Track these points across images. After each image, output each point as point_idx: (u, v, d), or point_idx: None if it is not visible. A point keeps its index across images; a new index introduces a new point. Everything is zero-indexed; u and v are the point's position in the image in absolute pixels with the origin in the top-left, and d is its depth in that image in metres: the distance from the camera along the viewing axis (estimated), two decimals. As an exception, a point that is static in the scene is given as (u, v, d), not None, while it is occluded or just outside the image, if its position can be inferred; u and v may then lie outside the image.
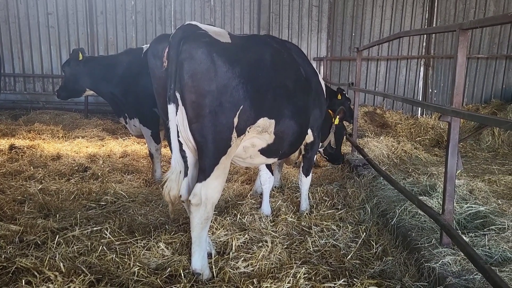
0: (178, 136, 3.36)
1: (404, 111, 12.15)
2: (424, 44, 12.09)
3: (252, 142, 3.71)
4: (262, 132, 3.65)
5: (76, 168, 6.66)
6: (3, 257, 3.61)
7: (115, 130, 10.53)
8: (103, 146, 8.67)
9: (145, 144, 8.98)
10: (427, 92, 12.26)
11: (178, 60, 3.09)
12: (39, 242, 3.95)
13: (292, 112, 3.89)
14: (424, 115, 11.97)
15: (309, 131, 4.65)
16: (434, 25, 11.61)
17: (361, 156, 6.81)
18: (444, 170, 3.29)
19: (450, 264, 3.15)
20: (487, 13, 11.48)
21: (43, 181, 5.93)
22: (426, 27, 11.76)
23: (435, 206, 4.10)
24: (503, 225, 3.77)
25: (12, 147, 7.86)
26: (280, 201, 5.17)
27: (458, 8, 11.66)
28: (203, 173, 3.30)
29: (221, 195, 5.50)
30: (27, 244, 3.92)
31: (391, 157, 7.87)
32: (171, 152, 3.33)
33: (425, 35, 11.89)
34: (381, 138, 8.78)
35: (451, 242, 3.29)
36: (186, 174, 3.54)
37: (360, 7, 12.09)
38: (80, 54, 6.05)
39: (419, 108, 12.27)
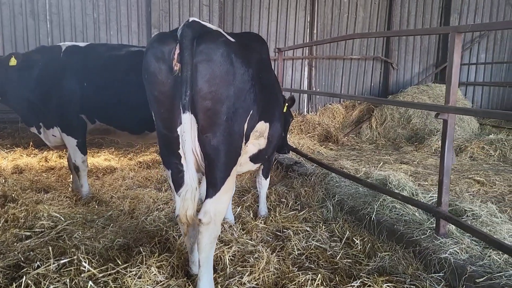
0: (179, 149, 3.03)
1: (292, 109, 12.79)
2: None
3: (246, 149, 3.54)
4: (259, 137, 3.52)
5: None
6: None
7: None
8: (-18, 161, 7.26)
9: (36, 156, 7.83)
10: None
11: (193, 62, 2.77)
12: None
13: (277, 113, 3.83)
14: (310, 113, 12.83)
15: None
16: (315, 28, 12.50)
17: (284, 155, 7.02)
18: (439, 163, 3.60)
19: (459, 253, 3.38)
20: (357, 18, 12.86)
21: None
22: (308, 29, 12.62)
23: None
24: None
25: None
26: (237, 207, 5.03)
27: (334, 13, 12.78)
28: (213, 188, 3.02)
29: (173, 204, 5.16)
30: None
31: (299, 153, 8.25)
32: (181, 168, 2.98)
33: (307, 36, 12.70)
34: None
35: (447, 232, 3.64)
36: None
37: (248, 9, 12.36)
38: (14, 59, 4.92)
39: (305, 106, 13.09)
